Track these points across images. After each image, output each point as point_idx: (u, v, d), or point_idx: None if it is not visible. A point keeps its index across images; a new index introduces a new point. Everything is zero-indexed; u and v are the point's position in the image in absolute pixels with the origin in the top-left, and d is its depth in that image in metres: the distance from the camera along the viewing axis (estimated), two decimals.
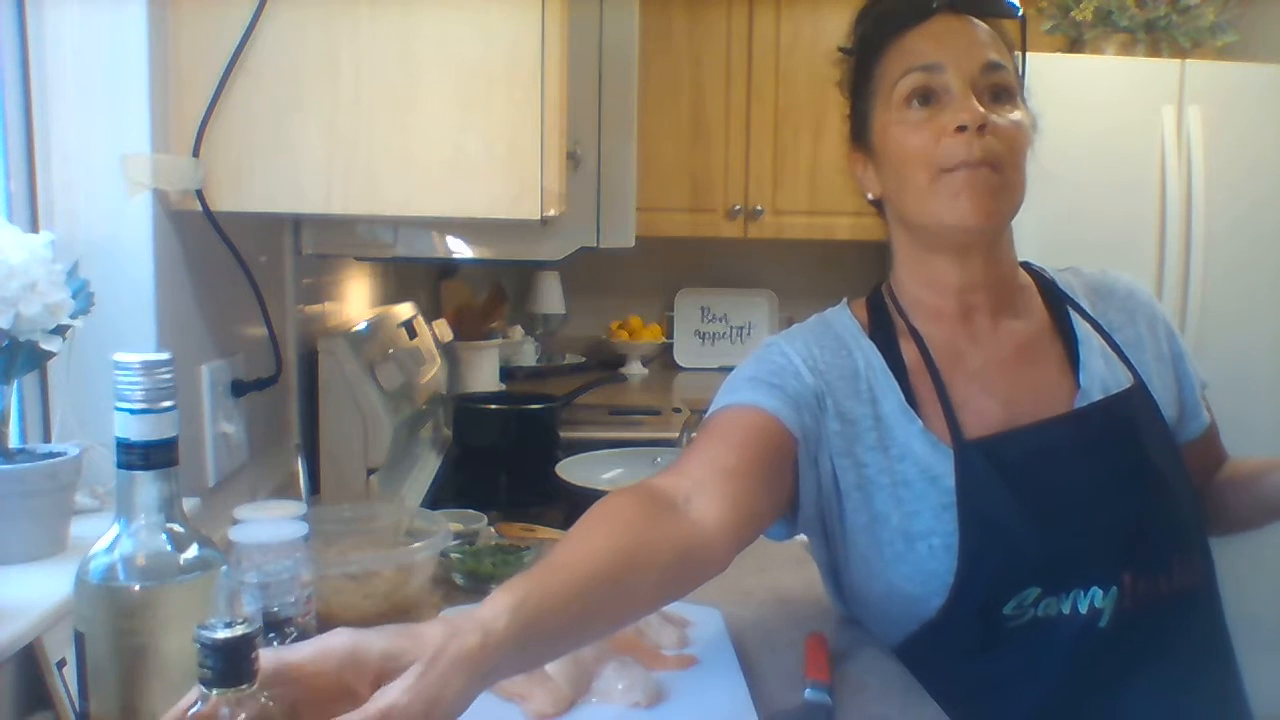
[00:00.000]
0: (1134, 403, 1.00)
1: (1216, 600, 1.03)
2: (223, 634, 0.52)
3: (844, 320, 1.07)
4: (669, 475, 0.89)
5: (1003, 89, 0.97)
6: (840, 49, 1.07)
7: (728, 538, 0.85)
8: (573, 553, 0.74)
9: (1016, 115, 0.97)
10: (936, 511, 0.95)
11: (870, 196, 1.07)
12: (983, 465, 0.95)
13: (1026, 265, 1.10)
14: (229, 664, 0.52)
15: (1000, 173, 0.94)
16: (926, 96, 0.96)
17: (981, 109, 0.93)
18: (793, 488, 0.97)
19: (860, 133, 1.05)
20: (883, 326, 1.05)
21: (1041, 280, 1.08)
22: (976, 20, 0.99)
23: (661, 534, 0.80)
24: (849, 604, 1.07)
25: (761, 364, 1.01)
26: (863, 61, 1.03)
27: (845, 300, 1.11)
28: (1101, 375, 1.01)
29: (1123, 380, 1.01)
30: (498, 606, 0.63)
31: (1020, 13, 1.03)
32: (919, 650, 0.99)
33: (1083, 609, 0.92)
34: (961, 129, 0.93)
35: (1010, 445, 0.96)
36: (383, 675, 0.57)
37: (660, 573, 0.78)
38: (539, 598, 0.66)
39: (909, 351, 1.02)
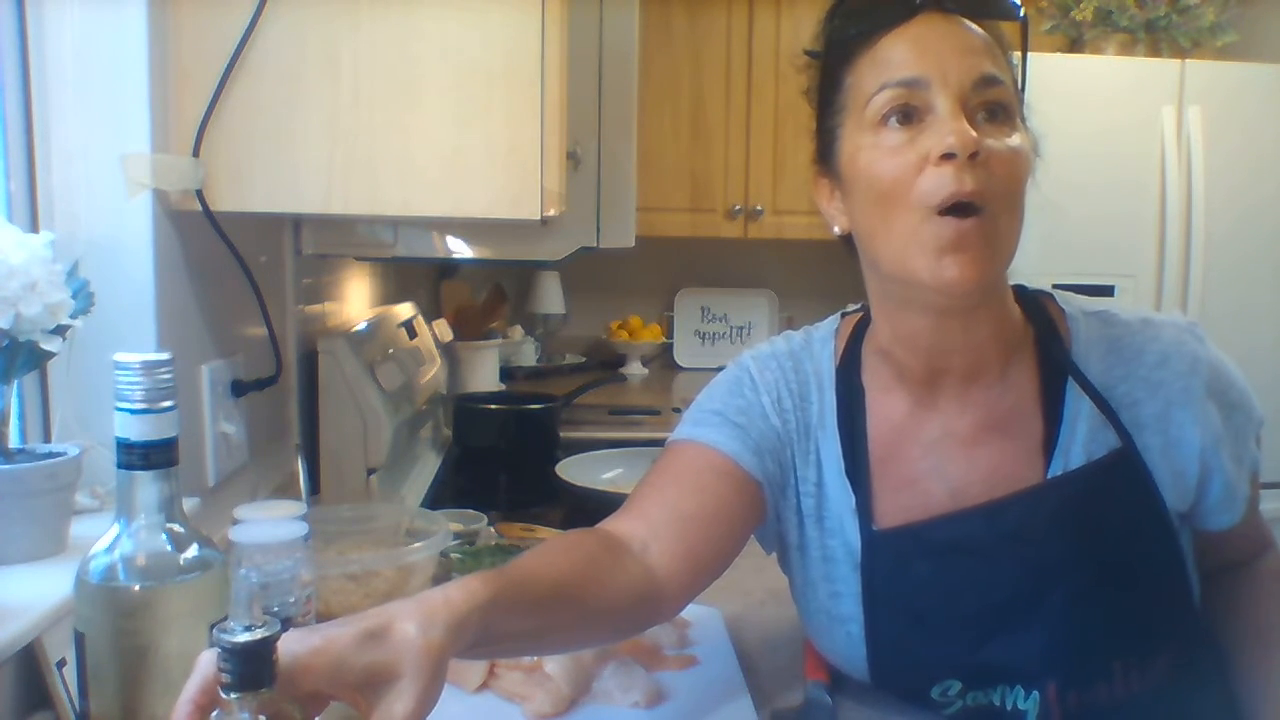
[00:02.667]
0: (1109, 474, 0.85)
1: (1199, 694, 0.89)
2: (243, 637, 0.51)
3: (823, 354, 0.95)
4: (627, 518, 0.87)
5: (999, 107, 0.79)
6: (806, 51, 0.91)
7: (682, 585, 0.84)
8: (537, 565, 0.76)
9: (1015, 140, 0.79)
10: (855, 598, 0.88)
11: (838, 231, 0.89)
12: (893, 557, 0.86)
13: (1040, 300, 0.92)
14: (250, 667, 0.51)
15: (993, 220, 0.77)
16: (906, 115, 0.79)
17: (973, 133, 0.76)
18: (761, 518, 0.92)
19: (826, 154, 0.88)
20: (851, 368, 0.93)
21: (1046, 332, 0.89)
22: (969, 22, 0.81)
23: (619, 575, 0.80)
24: None
25: (731, 396, 0.94)
26: (830, 68, 0.86)
27: (840, 315, 0.99)
28: (1081, 458, 0.85)
29: (1109, 447, 0.85)
30: (468, 601, 0.64)
31: (1022, 14, 0.86)
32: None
33: (1009, 706, 0.85)
34: (949, 157, 0.76)
35: (931, 534, 0.86)
36: (364, 686, 0.58)
37: (614, 609, 0.79)
38: (504, 598, 0.68)
39: (859, 413, 0.91)
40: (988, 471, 0.86)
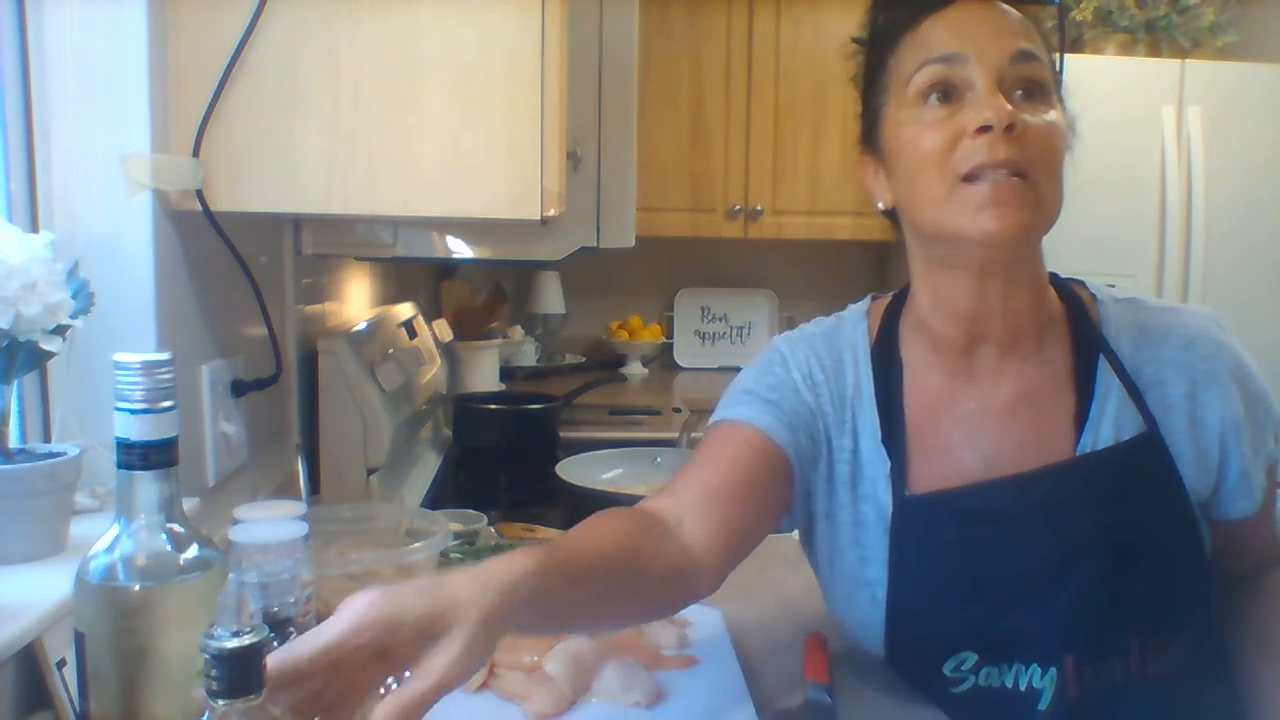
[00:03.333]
0: (1135, 457, 0.88)
1: (1208, 684, 0.91)
2: (231, 644, 0.51)
3: (856, 332, 0.98)
4: (662, 497, 0.89)
5: (1036, 84, 0.83)
6: (853, 39, 0.95)
7: (716, 561, 0.86)
8: (583, 538, 0.78)
9: (1052, 115, 0.83)
10: (884, 562, 0.90)
11: (881, 206, 0.93)
12: (922, 522, 0.89)
13: (1071, 286, 0.96)
14: (237, 674, 0.51)
15: (1030, 182, 0.80)
16: (945, 92, 0.83)
17: (1009, 106, 0.80)
18: (790, 498, 0.94)
19: (871, 134, 0.92)
20: (889, 342, 0.96)
21: (1079, 312, 0.93)
22: (1007, 6, 0.86)
23: (659, 549, 0.82)
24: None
25: (762, 375, 0.97)
26: (876, 53, 0.91)
27: (870, 298, 1.02)
28: (1110, 435, 0.88)
29: (1134, 431, 0.89)
30: (521, 567, 0.66)
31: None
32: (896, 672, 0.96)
33: (1022, 686, 0.86)
34: (985, 129, 0.80)
35: (963, 502, 0.88)
36: (419, 639, 0.60)
37: (656, 584, 0.81)
38: (554, 567, 0.69)
39: (896, 384, 0.95)
40: (1020, 444, 0.89)
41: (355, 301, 1.94)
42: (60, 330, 0.85)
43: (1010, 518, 0.87)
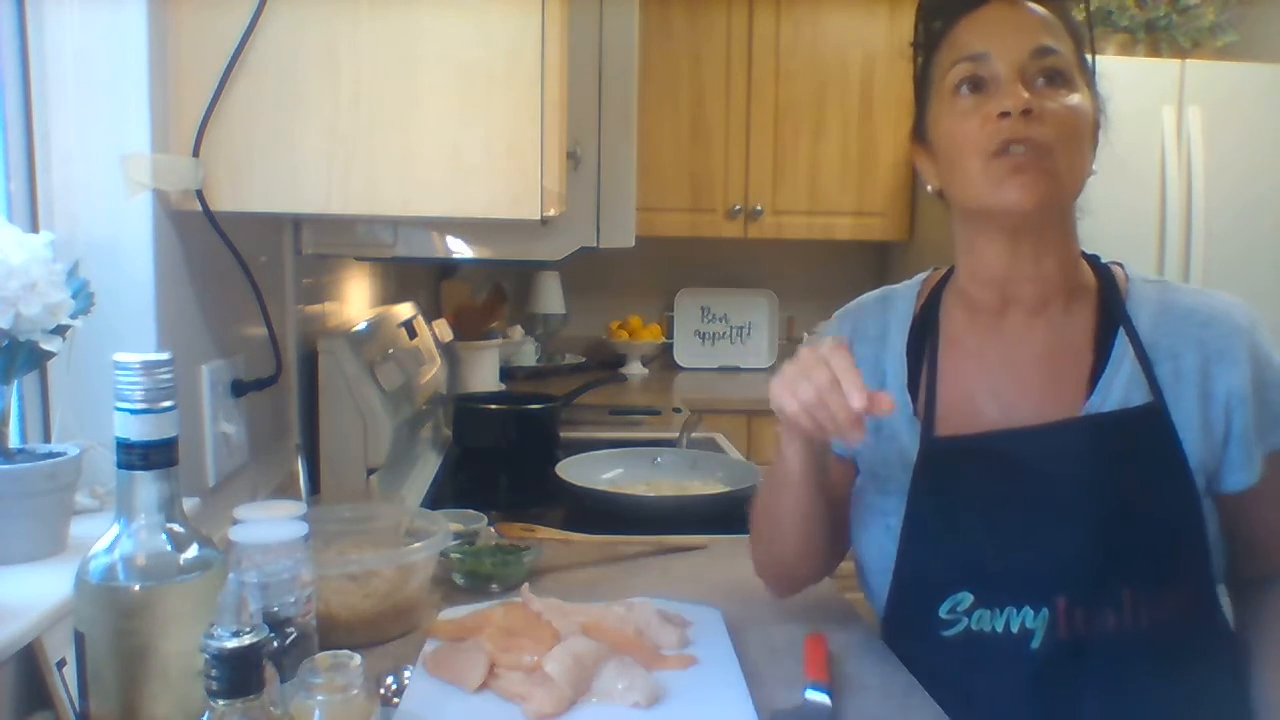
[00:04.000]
0: (1140, 424, 0.95)
1: (1203, 641, 0.97)
2: (231, 644, 0.51)
3: (908, 296, 1.11)
4: None
5: (1056, 72, 0.94)
6: (910, 44, 1.08)
7: (838, 549, 1.10)
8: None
9: (1073, 99, 0.94)
10: (901, 494, 1.00)
11: (930, 189, 1.05)
12: (944, 462, 0.99)
13: (1110, 265, 1.06)
14: (238, 674, 0.51)
15: (1048, 156, 0.92)
16: (976, 84, 0.95)
17: (1025, 94, 0.91)
18: (854, 472, 1.10)
19: (920, 127, 1.05)
20: (931, 307, 1.08)
21: (1109, 287, 1.02)
22: (1034, 5, 0.97)
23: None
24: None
25: None
26: (923, 56, 1.04)
27: (931, 270, 1.13)
28: (1119, 396, 0.96)
29: (1141, 400, 0.96)
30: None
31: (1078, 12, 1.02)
32: (889, 631, 1.05)
33: (1014, 628, 0.93)
34: (1005, 115, 0.92)
35: (982, 447, 0.98)
36: None
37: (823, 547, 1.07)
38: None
39: (932, 340, 1.06)
40: (1038, 398, 0.99)
41: (355, 301, 1.94)
42: (60, 330, 0.85)
43: (1021, 465, 0.96)
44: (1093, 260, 1.06)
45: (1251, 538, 1.00)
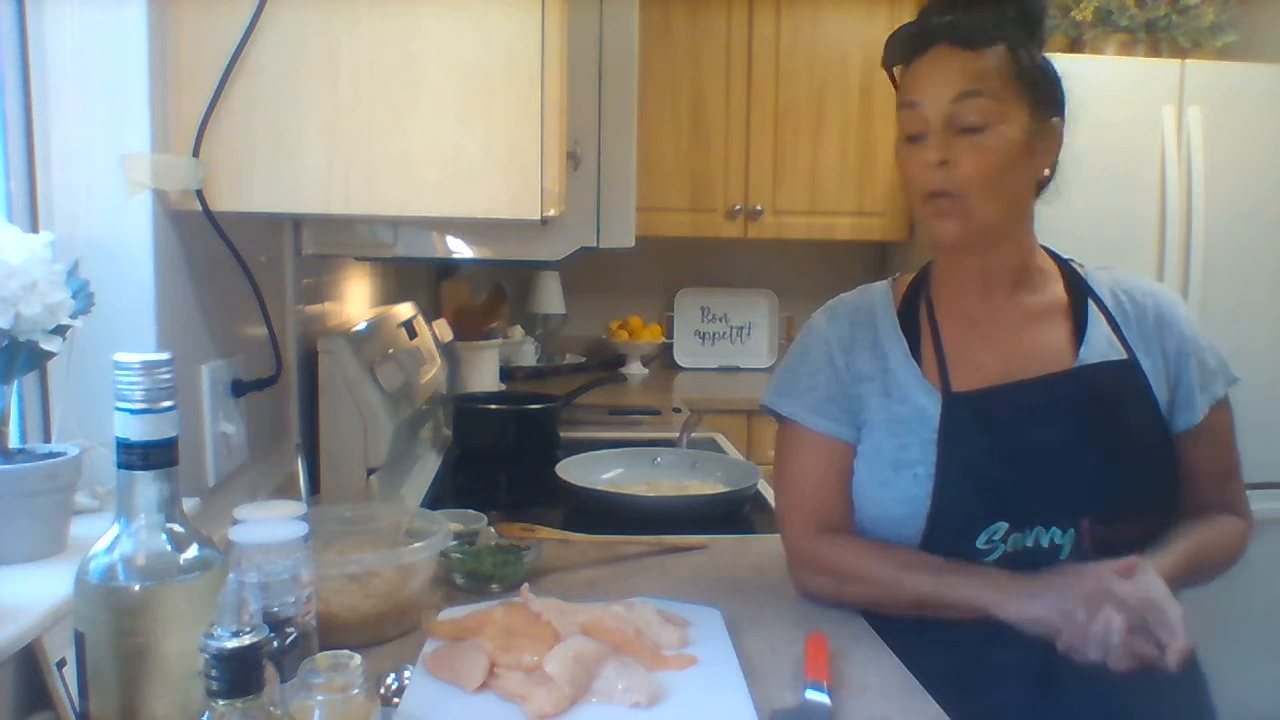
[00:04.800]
0: (1122, 375, 1.12)
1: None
2: (231, 644, 0.51)
3: (883, 289, 1.22)
4: (811, 519, 1.17)
5: (976, 115, 1.04)
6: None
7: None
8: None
9: (993, 138, 1.05)
10: (924, 445, 1.10)
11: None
12: (966, 413, 1.10)
13: (1056, 256, 1.20)
14: (238, 674, 0.51)
15: (964, 199, 1.06)
16: (913, 136, 1.08)
17: (939, 147, 1.05)
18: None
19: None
20: (915, 295, 1.19)
21: (1065, 268, 1.20)
22: (963, 50, 1.06)
23: None
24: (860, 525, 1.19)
25: (806, 361, 1.19)
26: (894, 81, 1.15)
27: (892, 277, 1.25)
28: (1102, 350, 1.12)
29: (1119, 357, 1.13)
30: None
31: (1023, 36, 1.08)
32: None
33: (1045, 544, 1.07)
34: (929, 163, 1.05)
35: (995, 398, 1.10)
36: None
37: None
38: None
39: (926, 316, 1.17)
40: (1034, 353, 1.13)
41: (355, 301, 1.94)
42: (60, 330, 0.85)
43: (1035, 410, 1.10)
44: (1050, 251, 1.21)
45: (1194, 470, 1.15)
